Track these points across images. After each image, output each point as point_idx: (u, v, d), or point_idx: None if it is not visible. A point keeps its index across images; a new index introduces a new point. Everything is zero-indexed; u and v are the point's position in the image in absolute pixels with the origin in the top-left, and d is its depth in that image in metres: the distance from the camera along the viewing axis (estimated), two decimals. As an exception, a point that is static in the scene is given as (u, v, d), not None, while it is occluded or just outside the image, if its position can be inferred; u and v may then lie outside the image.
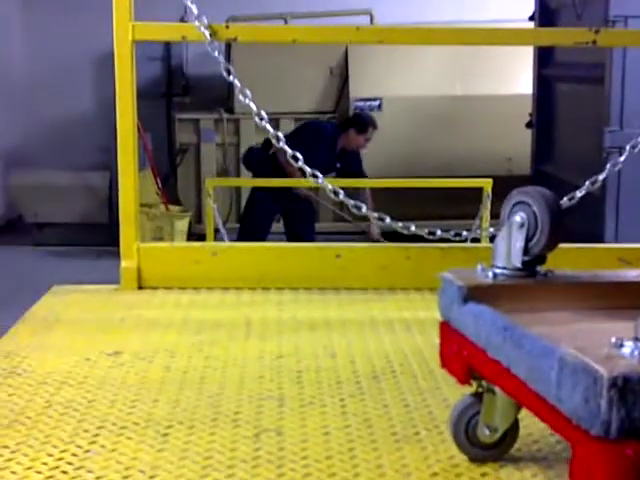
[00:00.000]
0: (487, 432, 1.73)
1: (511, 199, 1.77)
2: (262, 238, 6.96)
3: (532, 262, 1.74)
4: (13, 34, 10.45)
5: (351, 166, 7.28)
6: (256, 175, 7.35)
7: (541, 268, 1.76)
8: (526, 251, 1.71)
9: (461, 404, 1.78)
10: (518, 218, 1.71)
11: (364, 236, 7.31)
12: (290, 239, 7.18)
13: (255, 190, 7.34)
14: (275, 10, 9.34)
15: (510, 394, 1.59)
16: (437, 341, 2.58)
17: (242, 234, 7.25)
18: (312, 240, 6.96)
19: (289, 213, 7.35)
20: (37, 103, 10.50)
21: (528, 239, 1.71)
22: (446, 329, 1.79)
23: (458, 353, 1.72)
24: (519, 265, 1.72)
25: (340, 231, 8.64)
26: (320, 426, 1.97)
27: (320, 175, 3.26)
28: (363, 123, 7.25)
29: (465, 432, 1.76)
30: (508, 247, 1.73)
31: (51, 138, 10.52)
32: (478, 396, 1.75)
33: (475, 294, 1.69)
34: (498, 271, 1.75)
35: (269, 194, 7.07)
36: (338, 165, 7.22)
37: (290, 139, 3.47)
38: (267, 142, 6.96)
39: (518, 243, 1.71)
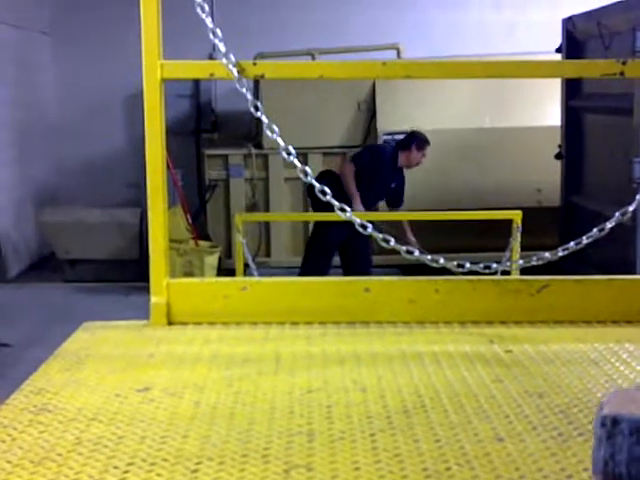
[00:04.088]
0: None
1: None
2: (325, 271, 7.08)
3: None
4: (45, 75, 10.62)
5: (399, 187, 7.50)
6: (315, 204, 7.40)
7: None
8: None
9: None
10: None
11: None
12: (348, 270, 7.32)
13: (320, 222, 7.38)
14: (302, 47, 9.42)
15: None
16: (467, 375, 2.57)
17: (307, 266, 7.30)
18: (368, 271, 7.01)
19: (348, 244, 7.42)
20: (69, 142, 10.64)
21: None
22: None
23: None
24: None
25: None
26: (350, 462, 1.95)
27: (348, 209, 3.26)
28: (422, 139, 7.46)
29: None
30: None
31: (82, 176, 10.64)
32: None
33: None
34: None
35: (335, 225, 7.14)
36: (393, 185, 7.40)
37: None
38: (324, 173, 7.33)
39: None
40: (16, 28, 9.59)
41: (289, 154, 3.25)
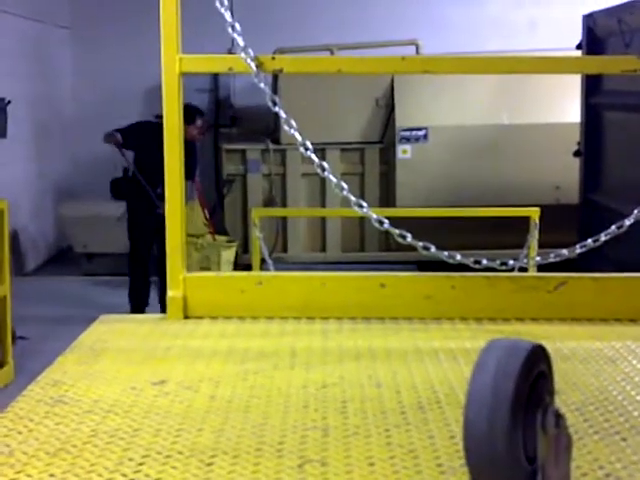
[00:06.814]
0: None
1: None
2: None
3: None
4: (64, 69, 10.66)
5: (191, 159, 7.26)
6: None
7: None
8: None
9: None
10: None
11: None
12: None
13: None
14: (321, 42, 9.41)
15: None
16: (483, 371, 2.56)
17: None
18: None
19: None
20: (87, 135, 10.66)
21: None
22: None
23: None
24: None
25: (385, 260, 8.62)
26: (365, 457, 1.95)
27: (365, 204, 3.25)
28: (193, 113, 7.25)
29: None
30: None
31: (100, 170, 10.67)
32: None
33: None
34: None
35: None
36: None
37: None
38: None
39: None
40: (36, 22, 9.63)
41: (307, 149, 3.24)
